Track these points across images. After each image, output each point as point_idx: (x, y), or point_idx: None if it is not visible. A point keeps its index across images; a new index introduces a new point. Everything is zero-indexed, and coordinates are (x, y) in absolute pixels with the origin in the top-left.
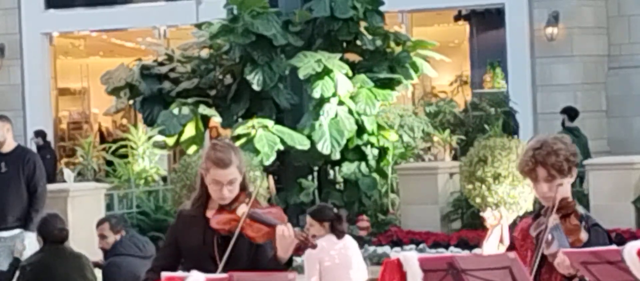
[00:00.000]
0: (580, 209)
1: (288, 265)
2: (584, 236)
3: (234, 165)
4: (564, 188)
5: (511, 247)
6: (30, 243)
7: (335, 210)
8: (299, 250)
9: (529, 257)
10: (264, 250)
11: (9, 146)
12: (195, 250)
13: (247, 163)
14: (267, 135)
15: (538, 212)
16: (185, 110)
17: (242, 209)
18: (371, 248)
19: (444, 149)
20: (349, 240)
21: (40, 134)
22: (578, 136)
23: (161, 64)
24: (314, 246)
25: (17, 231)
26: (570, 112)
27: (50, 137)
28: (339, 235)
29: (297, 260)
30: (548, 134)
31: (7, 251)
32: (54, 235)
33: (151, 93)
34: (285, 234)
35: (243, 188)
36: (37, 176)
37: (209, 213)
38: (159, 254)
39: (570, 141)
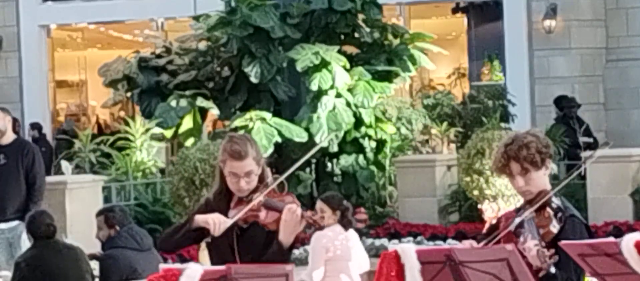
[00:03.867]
0: (557, 201)
1: (290, 251)
2: (553, 228)
3: (251, 157)
4: (541, 180)
5: (493, 232)
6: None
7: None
8: (301, 241)
9: None
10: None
11: (9, 137)
12: (217, 240)
13: None
14: (265, 127)
15: (519, 207)
16: (183, 102)
17: (257, 198)
18: (369, 240)
19: (441, 142)
20: (351, 232)
21: (36, 126)
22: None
23: (159, 56)
24: (321, 227)
25: (15, 223)
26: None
27: (47, 129)
28: (347, 225)
29: (295, 253)
30: (520, 130)
31: (5, 243)
32: (42, 230)
33: (149, 85)
34: (292, 211)
35: (261, 180)
36: (36, 168)
37: (232, 204)
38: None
39: (543, 133)
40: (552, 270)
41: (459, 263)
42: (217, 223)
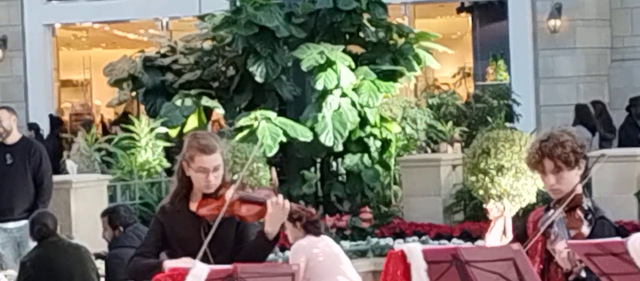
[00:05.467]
0: (587, 202)
1: (276, 240)
2: (585, 230)
3: (218, 151)
4: (572, 180)
5: (523, 232)
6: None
7: (308, 211)
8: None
9: (539, 250)
10: (248, 231)
11: (14, 137)
12: (186, 242)
13: (249, 154)
14: (270, 127)
15: (548, 205)
16: (188, 102)
17: (229, 193)
18: (374, 240)
19: (446, 142)
20: (328, 239)
21: (33, 126)
22: None
23: (164, 55)
24: (311, 215)
25: (23, 222)
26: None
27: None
28: (316, 233)
29: (281, 255)
30: (555, 128)
31: (12, 242)
32: (35, 232)
33: (154, 85)
34: (278, 204)
35: (223, 178)
36: (43, 168)
37: (193, 206)
38: (146, 241)
39: (578, 133)
40: (583, 274)
41: (465, 263)
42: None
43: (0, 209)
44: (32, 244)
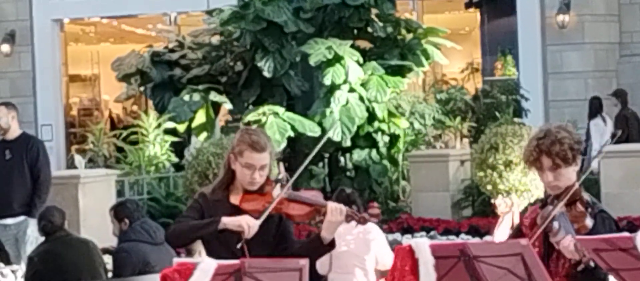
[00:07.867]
0: (587, 196)
1: (332, 245)
2: (589, 222)
3: (268, 151)
4: (570, 176)
5: (518, 233)
6: (34, 230)
7: (349, 194)
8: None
9: (536, 247)
10: (289, 230)
11: (14, 133)
12: (224, 234)
13: None
14: (278, 122)
15: (545, 201)
16: (196, 97)
17: (277, 191)
18: None
19: (454, 137)
20: (371, 226)
21: None
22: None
23: (172, 50)
24: (364, 221)
25: (21, 218)
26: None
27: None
28: (359, 220)
29: None
30: (552, 124)
31: (12, 238)
32: (41, 229)
33: (162, 80)
34: (337, 209)
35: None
36: (41, 162)
37: (233, 199)
38: (186, 215)
39: (573, 129)
40: (592, 263)
41: (473, 258)
42: (251, 225)
43: None
44: (29, 240)
